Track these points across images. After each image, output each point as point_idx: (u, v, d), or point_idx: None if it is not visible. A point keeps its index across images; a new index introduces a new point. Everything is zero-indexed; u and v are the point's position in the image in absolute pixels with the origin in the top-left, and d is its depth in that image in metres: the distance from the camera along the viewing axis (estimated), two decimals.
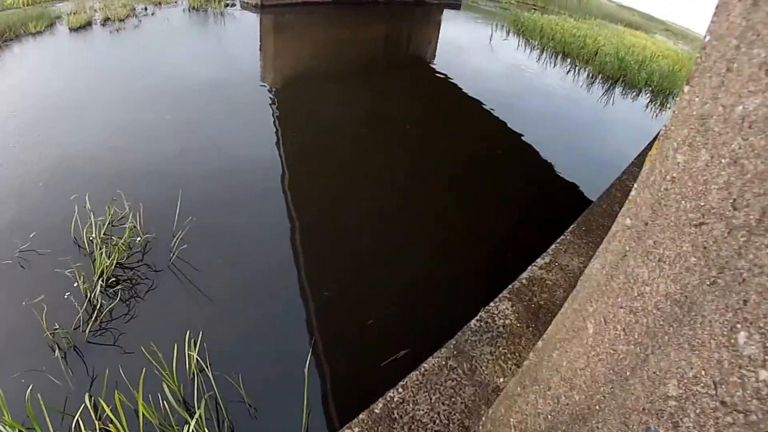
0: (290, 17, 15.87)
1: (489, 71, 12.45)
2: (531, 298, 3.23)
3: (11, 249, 4.03)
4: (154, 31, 11.95)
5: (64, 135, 6.12)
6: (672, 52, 19.99)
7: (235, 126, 6.94)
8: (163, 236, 4.32)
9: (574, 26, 19.85)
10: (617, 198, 4.92)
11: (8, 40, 10.46)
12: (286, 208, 5.06)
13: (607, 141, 9.17)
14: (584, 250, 3.87)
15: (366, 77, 10.80)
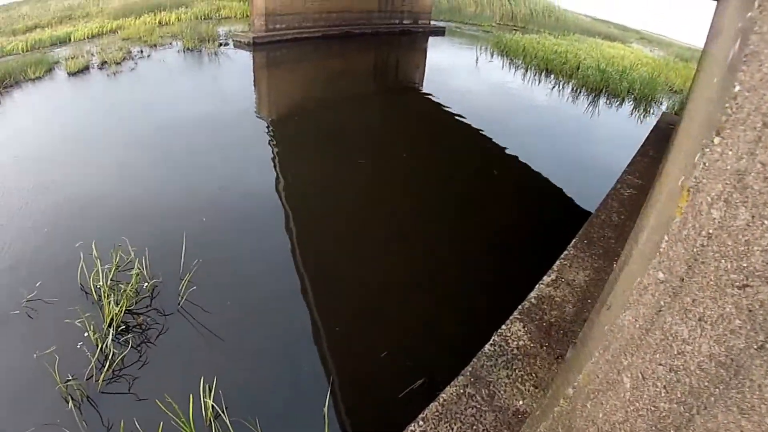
0: (282, 53, 16.17)
1: (477, 92, 12.71)
2: (542, 317, 3.21)
3: (18, 298, 3.99)
4: (151, 72, 12.11)
5: (66, 179, 6.14)
6: (649, 59, 20.64)
7: (235, 162, 6.98)
8: (170, 279, 4.28)
9: (555, 43, 20.45)
10: (614, 207, 4.99)
11: (8, 87, 10.60)
12: (290, 244, 5.02)
13: (597, 150, 9.37)
14: (588, 263, 3.89)
15: (358, 106, 10.95)
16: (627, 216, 4.80)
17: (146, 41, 15.52)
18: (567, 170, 7.96)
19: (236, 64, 13.93)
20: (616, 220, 4.70)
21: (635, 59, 18.96)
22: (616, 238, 4.34)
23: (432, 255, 5.13)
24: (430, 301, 4.41)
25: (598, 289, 3.49)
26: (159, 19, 19.66)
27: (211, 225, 5.26)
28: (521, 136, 9.45)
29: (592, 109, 12.25)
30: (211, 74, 12.45)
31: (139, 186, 6.10)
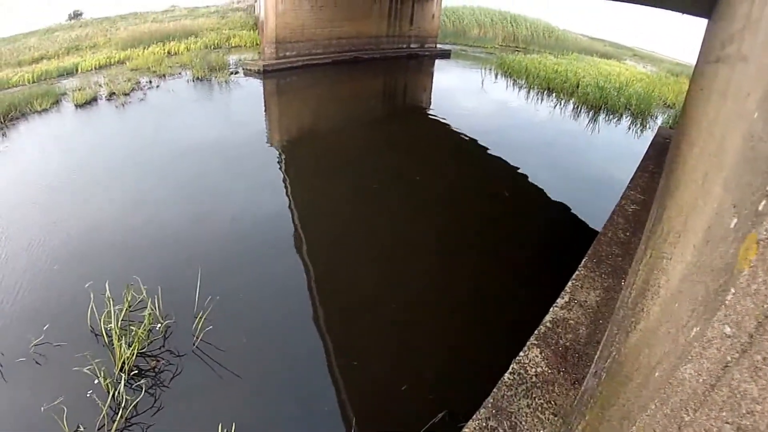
0: (292, 80, 16.33)
1: (484, 112, 12.84)
2: (557, 341, 3.20)
3: (26, 343, 3.79)
4: (160, 103, 12.08)
5: (75, 213, 6.03)
6: (644, 75, 21.19)
7: (247, 192, 6.89)
8: (184, 318, 4.10)
9: (555, 63, 20.93)
10: (620, 224, 5.03)
11: (14, 119, 10.54)
12: (306, 277, 4.85)
13: (601, 165, 9.51)
14: (598, 282, 3.91)
15: (369, 130, 10.94)
16: (632, 232, 4.83)
17: (155, 71, 15.63)
18: (573, 186, 8.09)
19: (247, 93, 13.98)
20: (622, 237, 4.74)
21: (630, 75, 19.51)
22: (623, 255, 4.38)
23: (449, 279, 5.07)
24: (448, 328, 4.33)
25: (609, 309, 3.51)
26: (168, 48, 19.87)
27: (223, 259, 5.10)
28: (528, 154, 9.55)
29: (593, 125, 12.57)
30: (221, 103, 12.46)
31: (150, 219, 5.96)
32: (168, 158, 8.13)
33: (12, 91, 13.16)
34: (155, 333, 3.94)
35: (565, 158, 9.72)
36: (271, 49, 16.86)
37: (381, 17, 20.83)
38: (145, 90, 13.34)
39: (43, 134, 9.64)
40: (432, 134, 10.91)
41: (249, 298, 4.47)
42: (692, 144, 2.79)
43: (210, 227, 5.78)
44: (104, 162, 7.86)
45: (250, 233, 5.70)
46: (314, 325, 4.20)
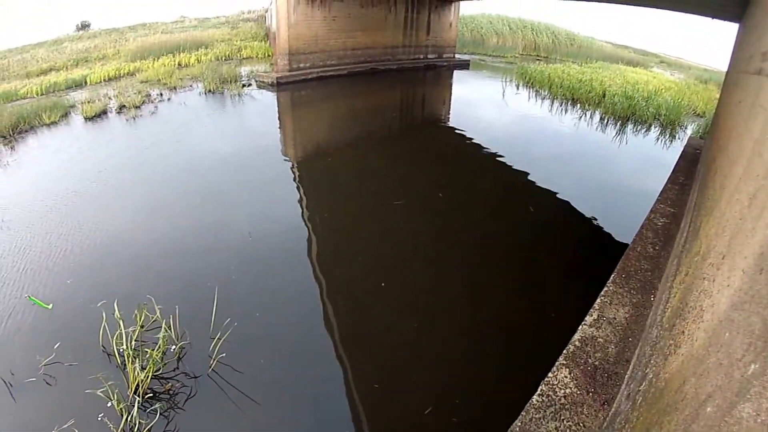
0: (306, 92, 16.62)
1: (505, 125, 12.88)
2: (586, 360, 3.20)
3: (35, 363, 3.83)
4: (172, 116, 12.33)
5: (87, 227, 6.15)
6: (672, 83, 21.11)
7: (262, 206, 6.98)
8: (199, 338, 4.11)
9: (579, 71, 21.01)
10: (649, 238, 5.01)
11: (22, 132, 10.86)
12: (319, 297, 4.88)
13: (627, 177, 9.45)
14: (627, 299, 3.90)
15: (387, 144, 11.05)
16: (662, 247, 4.82)
17: (166, 84, 15.99)
18: (601, 200, 8.09)
19: (261, 106, 14.22)
20: (651, 252, 4.72)
21: (659, 84, 19.44)
22: (652, 270, 4.36)
23: (474, 297, 5.07)
24: (472, 348, 4.30)
25: (638, 326, 3.49)
26: (178, 60, 20.35)
27: (240, 276, 5.13)
28: (553, 167, 9.56)
29: (621, 135, 12.48)
30: (235, 117, 12.70)
31: (164, 235, 6.07)
32: (182, 173, 8.30)
33: (20, 103, 13.55)
34: (169, 354, 3.97)
35: (592, 170, 9.71)
36: (284, 61, 17.20)
37: (396, 27, 21.21)
38: (156, 103, 13.63)
39: (52, 148, 9.90)
40: (452, 148, 10.95)
41: (265, 319, 4.47)
42: (733, 161, 2.75)
43: (226, 243, 5.84)
44: (116, 177, 8.04)
45: (267, 250, 5.75)
46: (332, 346, 4.21)
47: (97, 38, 27.96)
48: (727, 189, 2.52)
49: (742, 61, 4.81)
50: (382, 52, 20.99)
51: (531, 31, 35.62)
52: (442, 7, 22.86)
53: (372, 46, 20.39)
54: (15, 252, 5.60)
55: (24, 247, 5.71)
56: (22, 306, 4.59)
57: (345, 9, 18.44)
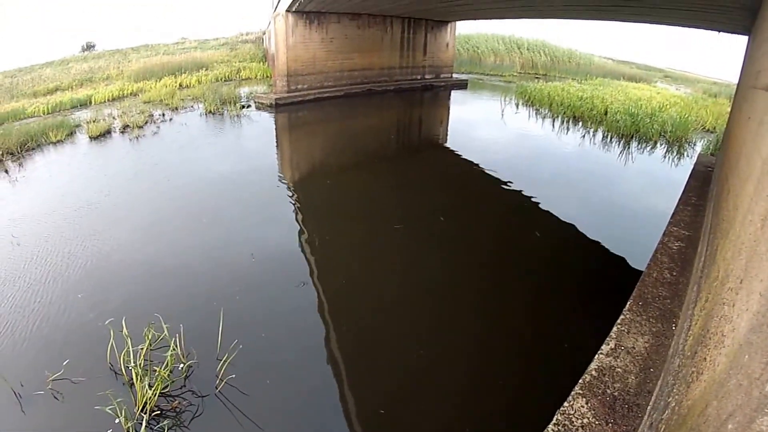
0: (304, 113, 16.94)
1: (505, 146, 12.94)
2: (604, 391, 3.09)
3: (42, 377, 3.96)
4: (174, 136, 12.69)
5: (93, 247, 6.33)
6: (678, 98, 20.80)
7: (264, 228, 7.18)
8: (205, 358, 4.22)
9: (580, 89, 20.91)
10: (665, 263, 4.85)
11: (30, 150, 11.18)
12: (322, 319, 4.97)
13: (634, 197, 9.33)
14: (646, 327, 3.79)
15: (386, 166, 11.17)
16: (679, 272, 4.66)
17: (168, 104, 16.30)
18: (609, 222, 7.94)
19: (260, 127, 14.54)
20: (669, 277, 4.57)
21: (663, 100, 19.13)
22: (671, 297, 4.23)
23: (480, 325, 5.04)
24: (480, 377, 4.29)
25: (660, 356, 3.37)
26: (179, 81, 20.76)
27: (244, 295, 5.30)
28: (556, 189, 9.52)
29: (625, 154, 12.31)
30: (235, 137, 13.03)
31: (168, 253, 6.28)
32: (184, 192, 8.56)
33: (28, 122, 13.93)
34: (176, 372, 4.06)
35: (596, 191, 9.65)
36: (283, 82, 17.55)
37: (393, 48, 21.65)
38: (158, 123, 13.99)
39: (58, 166, 10.25)
40: (452, 170, 11.06)
41: (270, 340, 4.60)
42: (744, 180, 2.72)
43: (229, 264, 6.01)
44: (120, 196, 8.32)
45: (270, 271, 5.91)
46: (337, 369, 4.27)
47: (102, 59, 28.50)
48: (740, 210, 2.49)
49: (751, 76, 4.70)
50: (379, 73, 21.37)
51: (528, 49, 35.95)
52: (438, 28, 23.28)
53: (369, 67, 20.79)
54: (24, 267, 5.83)
55: (33, 262, 5.95)
56: (32, 319, 4.78)
57: (342, 30, 18.89)
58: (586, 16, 16.29)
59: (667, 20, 13.05)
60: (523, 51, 35.79)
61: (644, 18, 13.94)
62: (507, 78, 29.15)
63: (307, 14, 17.36)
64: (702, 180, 7.87)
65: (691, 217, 6.15)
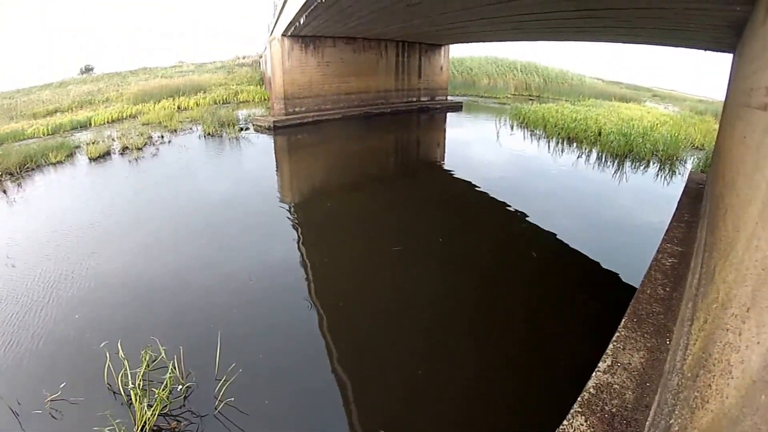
0: (303, 136, 17.15)
1: (501, 167, 13.10)
2: (602, 407, 3.13)
3: (41, 398, 3.95)
4: (173, 159, 12.82)
5: (91, 267, 6.36)
6: (667, 117, 21.17)
7: (262, 249, 7.21)
8: (203, 379, 4.24)
9: (573, 110, 21.25)
10: (659, 279, 4.92)
11: (29, 170, 11.27)
12: (322, 340, 4.98)
13: (629, 215, 9.41)
14: (641, 343, 3.85)
15: (383, 188, 11.25)
16: (672, 288, 4.75)
17: (166, 126, 16.48)
18: (604, 241, 7.98)
19: (258, 149, 14.69)
20: (662, 294, 4.65)
21: (653, 119, 19.48)
22: (665, 312, 4.31)
23: (478, 346, 5.05)
24: (479, 396, 4.29)
25: (656, 371, 3.43)
26: (178, 104, 21.02)
27: (242, 316, 5.32)
28: (553, 209, 9.58)
29: (619, 174, 12.48)
30: (233, 160, 13.17)
31: (167, 273, 6.31)
32: (183, 213, 8.65)
33: (28, 143, 14.06)
34: (174, 393, 4.08)
35: (592, 210, 9.75)
36: (280, 105, 17.84)
37: (388, 71, 22.14)
38: (157, 145, 14.14)
39: (58, 187, 10.38)
40: (449, 191, 11.14)
41: (269, 361, 4.60)
42: (745, 201, 2.68)
43: (228, 284, 6.04)
44: (120, 216, 8.40)
45: (269, 292, 5.92)
46: (336, 390, 4.28)
47: (101, 81, 28.88)
48: (742, 232, 2.45)
49: (743, 93, 4.68)
50: (375, 96, 21.78)
51: (521, 71, 36.50)
52: (432, 51, 23.82)
53: (365, 90, 21.20)
54: (18, 288, 5.87)
55: (29, 283, 5.99)
56: (28, 340, 4.80)
57: (338, 54, 19.34)
58: (573, 38, 16.71)
59: (657, 40, 13.38)
60: (516, 73, 36.42)
61: (631, 38, 14.28)
62: (501, 100, 29.59)
63: (302, 38, 17.76)
64: (693, 197, 7.99)
65: (684, 234, 6.24)
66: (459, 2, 10.18)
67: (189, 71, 31.85)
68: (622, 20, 10.12)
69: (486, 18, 12.49)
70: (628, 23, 10.39)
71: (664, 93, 40.98)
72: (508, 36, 18.35)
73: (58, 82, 30.13)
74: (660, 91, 42.35)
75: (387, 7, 11.31)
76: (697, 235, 5.70)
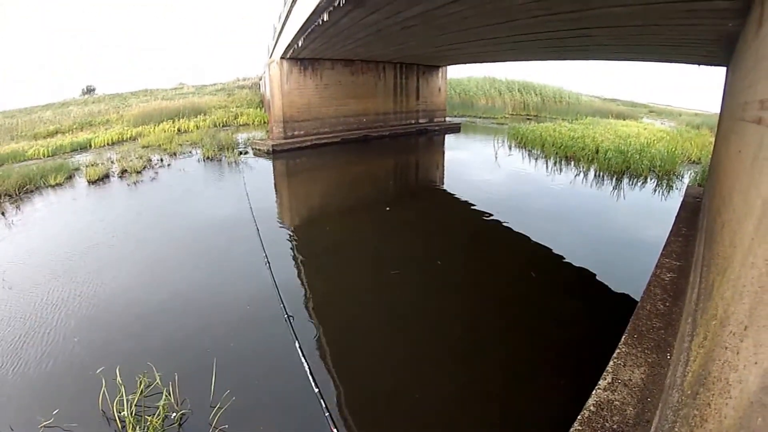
0: (302, 160, 17.29)
1: (500, 187, 13.17)
2: (603, 425, 3.13)
3: (35, 422, 3.90)
4: (172, 183, 12.86)
5: (87, 293, 6.33)
6: (664, 132, 21.49)
7: (260, 273, 7.10)
8: (198, 406, 4.17)
9: (570, 129, 21.56)
10: (658, 295, 4.94)
11: (28, 192, 11.31)
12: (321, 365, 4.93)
13: (629, 231, 9.44)
14: (642, 359, 3.86)
15: (382, 211, 11.21)
16: (672, 302, 4.77)
17: (166, 149, 16.60)
18: (604, 258, 7.95)
19: (257, 174, 14.74)
20: (662, 309, 4.67)
21: (650, 135, 19.77)
22: (665, 327, 4.33)
23: (480, 371, 4.96)
24: (480, 422, 4.21)
25: (657, 386, 3.43)
26: (178, 126, 21.20)
27: (238, 342, 5.26)
28: (552, 228, 9.58)
29: (617, 191, 12.58)
30: (232, 184, 13.18)
31: (164, 298, 6.27)
32: (181, 238, 8.65)
33: (28, 164, 14.12)
34: (169, 420, 4.01)
35: (591, 228, 9.77)
36: (279, 128, 18.03)
37: (387, 93, 22.43)
38: (156, 168, 14.25)
39: (56, 210, 10.39)
40: (448, 214, 11.15)
41: (265, 387, 4.53)
42: (741, 216, 2.68)
43: (225, 314, 5.96)
44: (117, 241, 8.39)
45: (267, 317, 5.84)
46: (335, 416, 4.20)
47: (102, 103, 29.20)
48: (739, 248, 2.45)
49: (737, 108, 4.71)
50: (374, 118, 22.02)
51: (519, 90, 36.87)
52: (429, 73, 24.14)
53: (364, 113, 21.42)
54: (13, 312, 5.85)
55: (25, 306, 5.97)
56: (21, 364, 4.76)
57: (336, 77, 19.60)
58: (569, 57, 16.96)
59: (652, 57, 13.64)
60: (514, 93, 36.83)
61: (629, 56, 14.55)
62: (499, 120, 29.88)
63: (301, 61, 18.02)
64: (691, 211, 8.04)
65: (682, 248, 6.27)
66: (455, 24, 10.33)
67: (189, 93, 32.22)
68: (616, 38, 10.35)
69: (483, 39, 12.72)
70: (622, 41, 10.61)
71: (660, 108, 41.55)
72: (505, 56, 18.66)
73: (60, 102, 30.49)
74: (656, 106, 42.96)
75: (382, 29, 11.51)
76: (695, 250, 5.71)
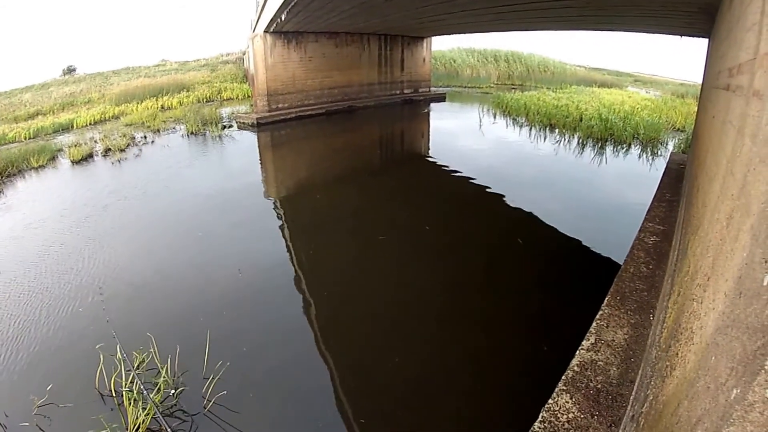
0: (287, 132, 17.03)
1: (485, 155, 13.19)
2: (587, 384, 3.17)
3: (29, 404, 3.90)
4: (156, 159, 12.66)
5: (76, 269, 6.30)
6: (648, 101, 21.48)
7: (250, 244, 7.20)
8: (193, 377, 4.20)
9: (555, 97, 21.46)
10: (641, 258, 5.00)
11: (11, 176, 11.03)
12: (311, 332, 4.98)
13: (611, 197, 9.60)
14: (624, 320, 3.89)
15: (368, 180, 11.24)
16: (655, 265, 4.80)
17: (149, 126, 16.28)
18: (588, 223, 8.09)
19: (242, 147, 14.58)
20: (645, 271, 4.71)
21: (634, 103, 19.76)
22: (648, 289, 4.35)
23: (465, 333, 5.06)
24: (464, 383, 4.33)
25: (639, 346, 3.47)
26: (161, 103, 20.75)
27: (231, 311, 5.30)
28: (536, 194, 9.69)
29: (600, 157, 12.67)
30: (217, 158, 13.05)
31: (156, 273, 6.26)
32: (169, 213, 8.60)
33: (9, 147, 13.77)
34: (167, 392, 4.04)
35: (574, 193, 9.90)
36: (264, 102, 17.66)
37: (371, 65, 22.01)
38: (140, 146, 13.98)
39: (40, 191, 10.21)
40: (434, 181, 11.22)
41: (259, 355, 4.58)
42: (711, 178, 2.75)
43: (217, 280, 6.01)
44: (105, 219, 8.26)
45: (258, 286, 5.91)
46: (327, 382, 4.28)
47: (83, 82, 28.35)
48: (708, 207, 2.52)
49: (713, 76, 4.84)
50: (358, 89, 21.66)
51: (504, 60, 36.53)
52: (414, 43, 23.73)
53: (348, 84, 21.05)
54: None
55: (11, 287, 5.93)
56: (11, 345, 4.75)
57: (320, 49, 19.16)
58: (554, 27, 16.85)
59: (633, 27, 13.53)
60: (499, 63, 36.42)
61: (610, 26, 14.44)
62: (484, 89, 29.61)
63: (284, 34, 17.56)
64: (675, 177, 8.11)
65: (665, 213, 6.34)
66: None
67: (172, 69, 31.39)
68: (598, 8, 10.19)
69: (466, 10, 12.51)
70: (604, 11, 10.48)
71: (646, 78, 41.29)
72: (488, 26, 18.39)
73: (40, 84, 29.56)
74: (642, 76, 42.64)
75: (366, 1, 11.26)
76: (677, 214, 5.77)
